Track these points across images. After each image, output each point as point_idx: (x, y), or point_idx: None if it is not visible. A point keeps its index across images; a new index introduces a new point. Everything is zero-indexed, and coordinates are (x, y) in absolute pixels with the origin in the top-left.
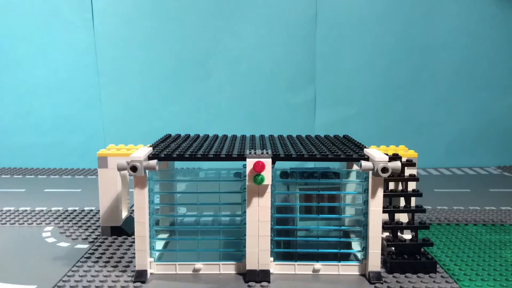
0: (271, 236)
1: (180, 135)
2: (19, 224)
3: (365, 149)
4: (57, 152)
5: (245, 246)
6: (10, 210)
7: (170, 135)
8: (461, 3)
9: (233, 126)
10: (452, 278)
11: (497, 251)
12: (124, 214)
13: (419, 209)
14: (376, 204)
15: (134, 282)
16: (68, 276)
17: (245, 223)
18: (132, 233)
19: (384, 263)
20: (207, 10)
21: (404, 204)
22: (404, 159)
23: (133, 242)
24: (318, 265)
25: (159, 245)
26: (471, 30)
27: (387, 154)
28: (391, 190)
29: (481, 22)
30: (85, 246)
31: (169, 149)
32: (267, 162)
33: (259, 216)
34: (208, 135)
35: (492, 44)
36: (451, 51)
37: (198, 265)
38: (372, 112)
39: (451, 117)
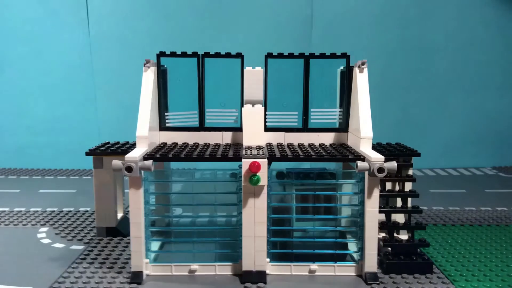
0: (267, 237)
1: None
2: (14, 225)
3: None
4: (52, 152)
5: (241, 247)
6: (4, 211)
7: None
8: (457, 5)
9: None
10: (448, 278)
11: (493, 252)
12: (120, 214)
13: (416, 209)
14: (372, 205)
15: (130, 283)
16: (63, 277)
17: (241, 224)
18: (128, 234)
19: (380, 263)
20: (203, 10)
21: (401, 204)
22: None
23: (129, 243)
24: (314, 266)
25: (155, 246)
26: (468, 32)
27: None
28: (388, 191)
29: (478, 24)
30: (81, 247)
31: (164, 149)
32: (263, 162)
33: (255, 217)
34: None
35: (488, 46)
36: (446, 52)
37: (194, 266)
38: None
39: (446, 118)
